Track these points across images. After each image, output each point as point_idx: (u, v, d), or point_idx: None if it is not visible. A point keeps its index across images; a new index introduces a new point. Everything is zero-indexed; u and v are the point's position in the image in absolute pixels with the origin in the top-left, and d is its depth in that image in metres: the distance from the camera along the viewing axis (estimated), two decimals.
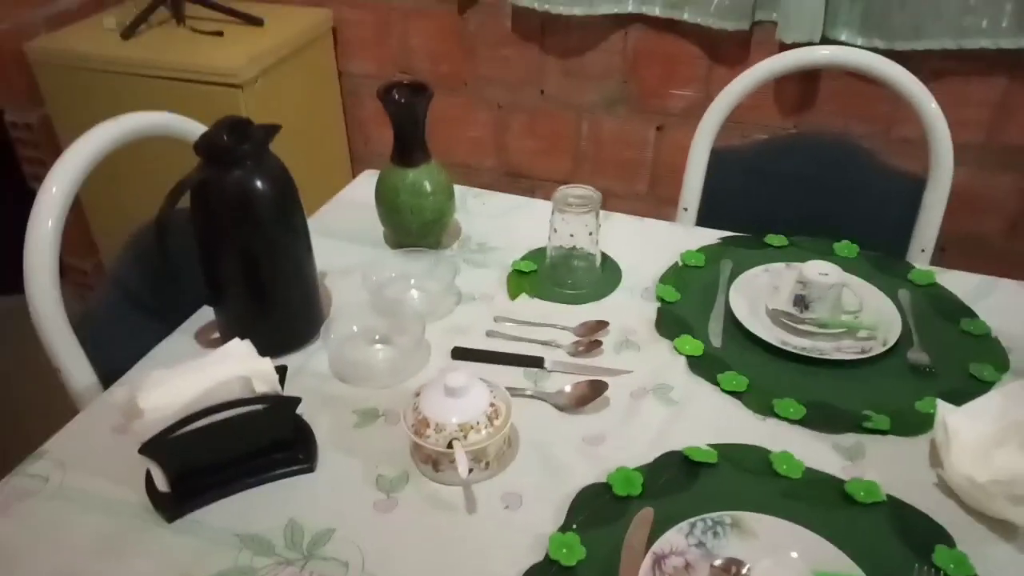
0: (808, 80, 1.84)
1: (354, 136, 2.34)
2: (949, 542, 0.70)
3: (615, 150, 2.11)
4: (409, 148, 1.06)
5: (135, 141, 0.98)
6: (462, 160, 2.25)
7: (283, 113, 1.92)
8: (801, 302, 0.95)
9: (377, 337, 0.96)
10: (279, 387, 0.76)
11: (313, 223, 0.95)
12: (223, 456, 0.76)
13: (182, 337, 0.98)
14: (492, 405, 0.77)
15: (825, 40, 1.71)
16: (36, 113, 1.95)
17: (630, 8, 1.85)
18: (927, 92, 1.17)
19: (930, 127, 1.15)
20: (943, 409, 0.77)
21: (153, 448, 0.71)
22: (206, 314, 0.99)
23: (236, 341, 0.78)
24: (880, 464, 0.79)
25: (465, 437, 0.75)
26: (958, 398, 0.84)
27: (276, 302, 0.92)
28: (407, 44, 2.13)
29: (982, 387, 0.87)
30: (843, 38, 1.72)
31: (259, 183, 0.85)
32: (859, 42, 1.71)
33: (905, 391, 0.87)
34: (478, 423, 0.75)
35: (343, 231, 1.17)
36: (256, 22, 1.93)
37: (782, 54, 1.23)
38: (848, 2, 1.68)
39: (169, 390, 0.71)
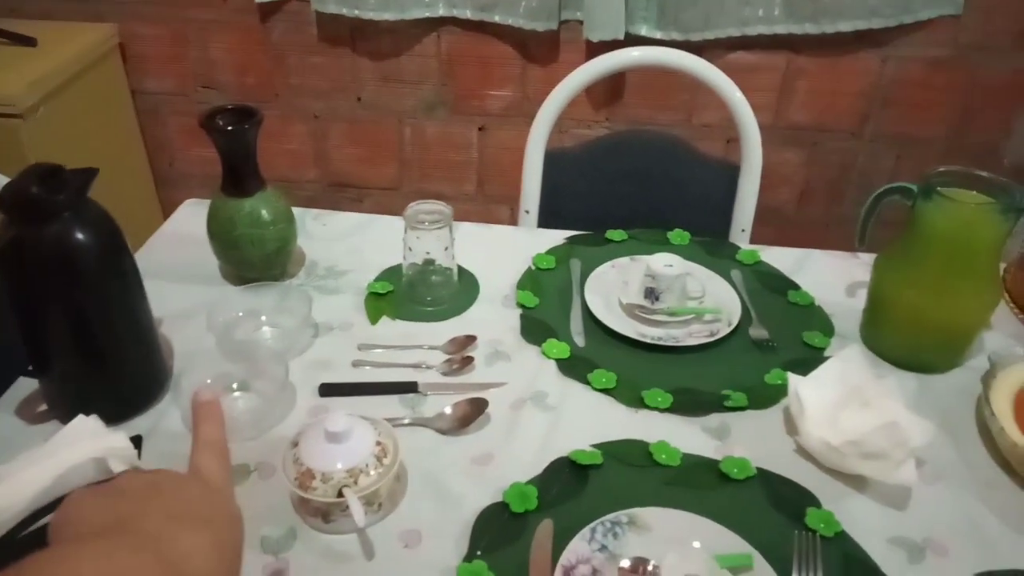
0: (615, 75, 1.93)
1: (156, 158, 2.16)
2: (816, 503, 0.77)
3: (440, 153, 2.10)
4: (241, 177, 0.99)
5: None
6: (282, 175, 2.15)
7: (73, 142, 1.73)
8: (651, 294, 1.00)
9: (235, 385, 0.89)
10: (137, 462, 0.69)
11: (138, 263, 0.86)
12: None
13: (1, 415, 0.86)
14: (379, 443, 0.74)
15: (628, 35, 1.81)
16: None
17: (441, 12, 1.85)
18: (732, 83, 1.27)
19: (739, 117, 1.25)
20: (793, 381, 0.85)
21: None
22: (26, 384, 0.88)
23: (81, 418, 0.69)
24: (745, 439, 0.85)
25: (355, 482, 0.71)
26: (799, 367, 0.92)
27: (115, 362, 0.83)
28: (207, 56, 2.00)
29: (816, 353, 0.97)
30: (643, 32, 1.83)
31: (81, 235, 0.75)
32: (658, 35, 1.82)
33: (754, 367, 0.95)
34: (367, 465, 0.72)
35: (173, 270, 1.08)
36: (28, 42, 1.73)
37: (600, 58, 1.29)
38: (645, 0, 1.79)
39: (7, 489, 0.62)
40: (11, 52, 1.71)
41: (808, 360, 0.94)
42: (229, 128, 0.95)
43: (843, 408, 0.82)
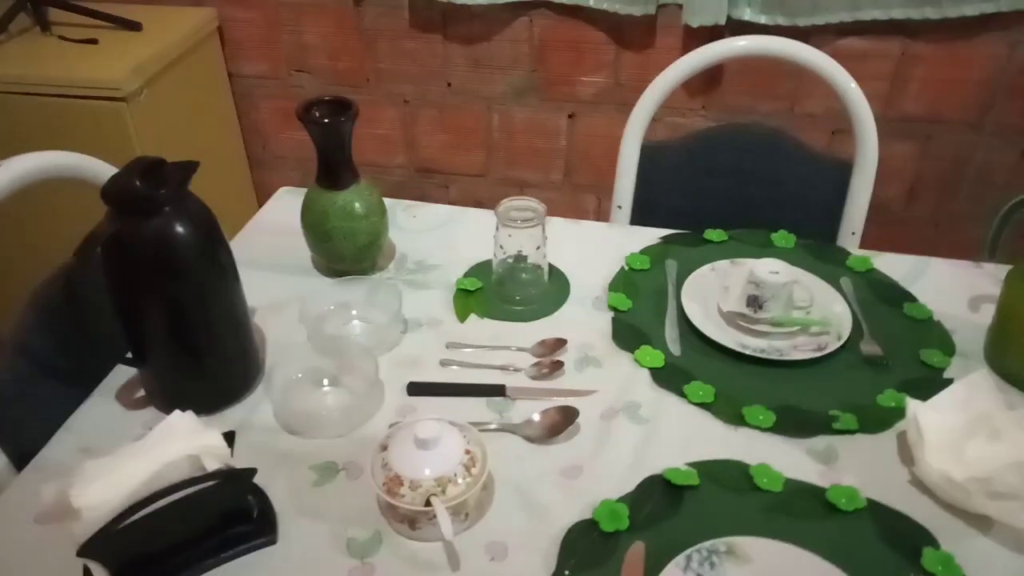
0: None
1: (251, 141, 2.20)
2: (934, 543, 0.71)
3: (528, 140, 2.07)
4: (336, 170, 0.98)
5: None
6: (370, 159, 2.16)
7: (174, 125, 1.77)
8: (755, 302, 0.95)
9: (325, 380, 0.89)
10: (231, 460, 0.69)
11: (233, 252, 0.87)
12: (174, 542, 0.69)
13: (101, 400, 0.88)
14: (467, 452, 0.73)
15: (729, 20, 1.73)
16: None
17: None
18: (847, 74, 1.19)
19: (854, 111, 1.17)
20: (913, 406, 0.78)
21: (94, 547, 0.63)
22: (125, 370, 0.90)
23: (177, 414, 0.70)
24: (854, 466, 0.79)
25: (443, 492, 0.70)
26: (916, 388, 0.86)
27: (211, 355, 0.84)
28: (301, 41, 2.01)
29: (934, 374, 0.90)
30: (747, 17, 1.73)
31: (181, 229, 0.76)
32: (762, 20, 1.73)
33: (864, 385, 0.88)
34: (455, 475, 0.71)
35: (267, 260, 1.09)
36: (133, 27, 1.77)
37: (704, 48, 1.22)
38: None
39: (108, 483, 0.63)
40: (117, 36, 1.76)
41: (926, 381, 0.88)
42: (325, 120, 0.94)
43: (969, 439, 0.75)
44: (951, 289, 1.02)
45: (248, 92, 2.12)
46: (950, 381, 0.87)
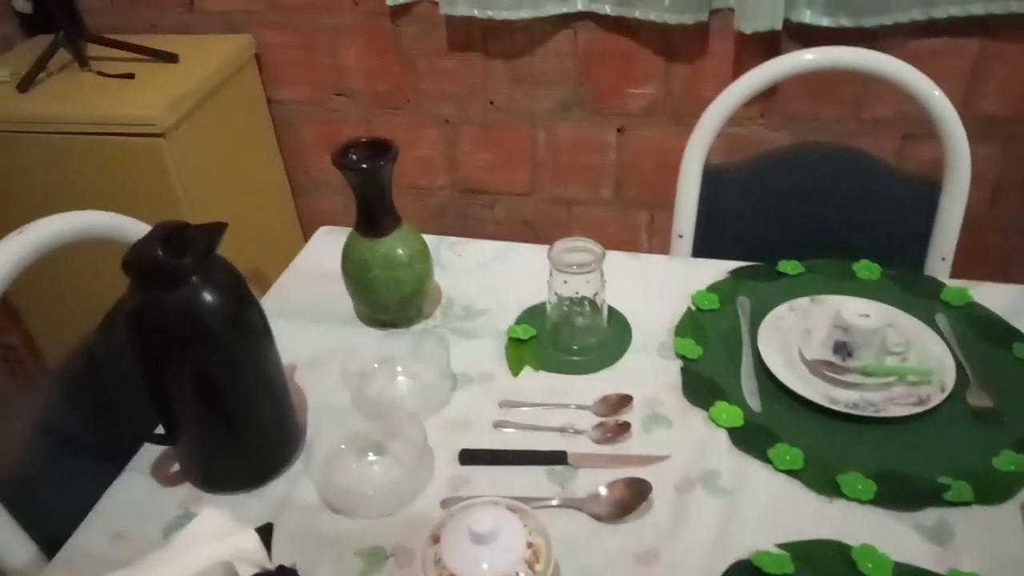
0: None
1: (292, 167, 2.16)
2: None
3: (575, 156, 1.98)
4: (376, 216, 0.91)
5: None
6: (412, 181, 2.10)
7: (214, 157, 1.73)
8: (843, 349, 0.84)
9: (370, 453, 0.82)
10: (267, 561, 0.62)
11: (271, 303, 0.81)
12: None
13: (135, 477, 0.82)
14: (530, 545, 0.64)
15: (787, 23, 1.62)
16: None
17: (579, 7, 1.72)
18: (930, 82, 1.08)
19: (941, 122, 1.05)
20: None
21: None
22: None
23: (208, 513, 0.63)
24: (974, 545, 0.69)
25: None
26: None
27: (246, 426, 0.77)
28: (339, 64, 1.96)
29: None
30: (807, 19, 1.62)
31: (208, 298, 0.70)
32: (824, 21, 1.61)
33: (976, 445, 0.78)
34: (516, 573, 0.63)
35: (307, 308, 1.02)
36: (170, 59, 1.74)
37: (768, 65, 1.12)
38: None
39: None
40: (154, 69, 1.72)
41: None
42: (363, 166, 0.87)
43: None
44: None
45: (288, 118, 2.07)
46: None
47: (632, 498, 0.74)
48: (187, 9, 1.94)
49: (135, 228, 0.89)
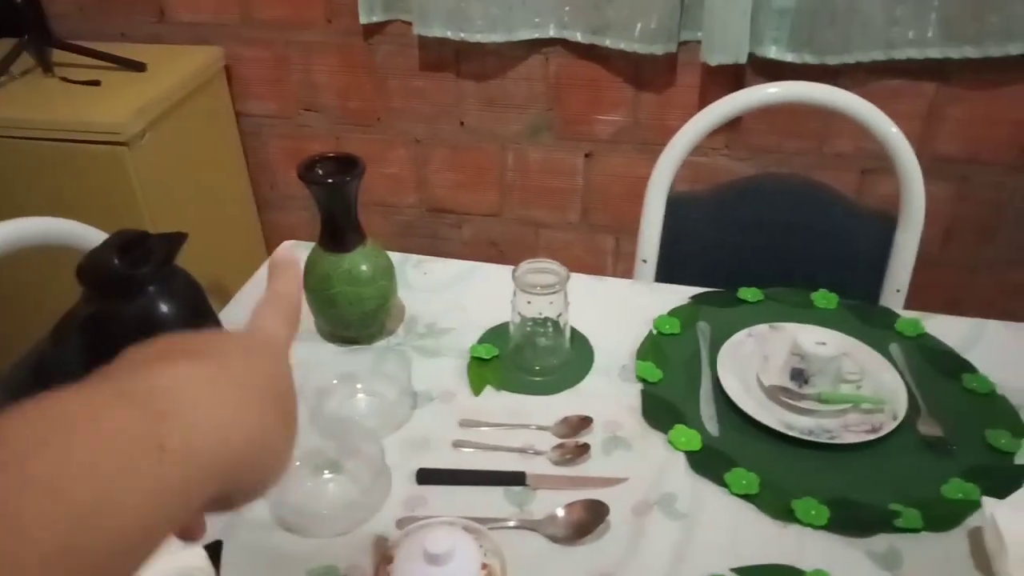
0: None
1: (258, 180, 2.14)
2: None
3: (543, 179, 2.00)
4: (341, 231, 0.91)
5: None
6: (380, 199, 2.09)
7: (178, 167, 1.71)
8: (799, 376, 0.86)
9: (326, 471, 0.81)
10: None
11: (231, 315, 0.79)
12: None
13: None
14: (484, 566, 0.64)
15: (752, 57, 1.66)
16: None
17: (551, 33, 1.74)
18: (887, 119, 1.11)
19: (898, 159, 1.09)
20: (989, 506, 0.69)
21: None
22: None
23: None
24: (923, 572, 0.70)
25: None
26: (983, 476, 0.77)
27: None
28: (311, 80, 1.96)
29: (1003, 459, 0.80)
30: (772, 55, 1.66)
31: (165, 308, 0.69)
32: (788, 57, 1.65)
33: (926, 474, 0.79)
34: None
35: None
36: (137, 67, 1.72)
37: (732, 97, 1.15)
38: (776, 18, 1.62)
39: None
40: (121, 77, 1.70)
41: (995, 468, 0.79)
42: (329, 181, 0.87)
43: None
44: (1015, 357, 0.93)
45: (256, 131, 2.06)
46: (1022, 468, 0.78)
47: (589, 520, 0.74)
48: (158, 19, 1.93)
49: (94, 236, 0.87)
